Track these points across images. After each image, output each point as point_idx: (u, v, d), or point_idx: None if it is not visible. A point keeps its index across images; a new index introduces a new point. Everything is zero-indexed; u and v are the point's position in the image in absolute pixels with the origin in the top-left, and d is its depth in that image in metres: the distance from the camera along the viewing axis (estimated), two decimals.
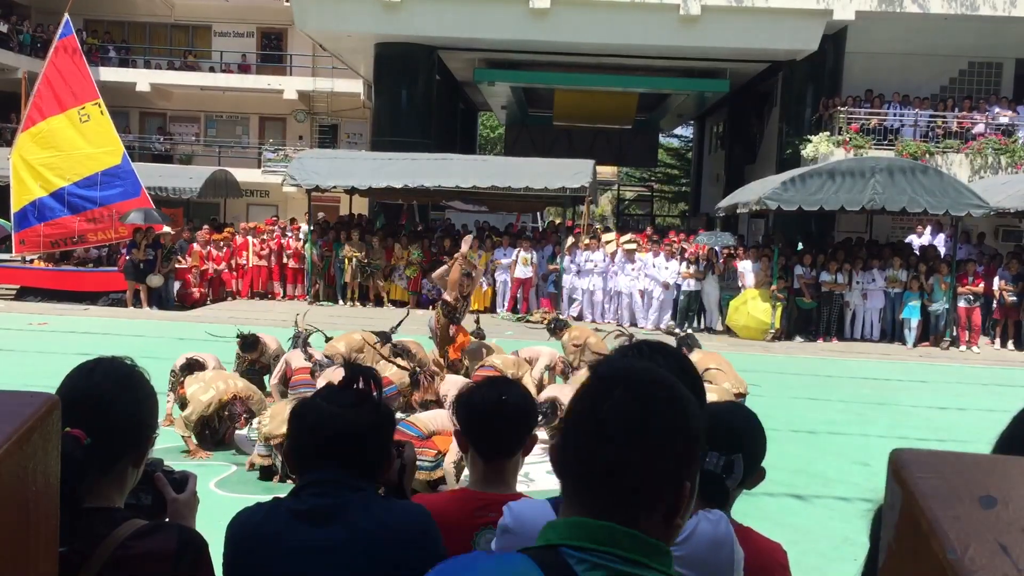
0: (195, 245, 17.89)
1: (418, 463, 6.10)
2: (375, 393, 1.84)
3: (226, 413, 7.29)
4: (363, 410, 1.78)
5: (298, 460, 1.80)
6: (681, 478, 1.11)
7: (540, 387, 8.35)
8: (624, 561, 1.05)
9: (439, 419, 6.49)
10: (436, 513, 1.87)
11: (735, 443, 1.87)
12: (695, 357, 7.65)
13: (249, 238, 19.03)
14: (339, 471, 1.73)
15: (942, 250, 17.20)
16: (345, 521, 1.67)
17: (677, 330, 12.75)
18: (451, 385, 7.39)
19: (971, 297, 15.43)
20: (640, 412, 1.10)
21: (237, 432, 7.62)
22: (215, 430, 7.44)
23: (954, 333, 15.61)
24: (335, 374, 6.79)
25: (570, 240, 17.44)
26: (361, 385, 1.82)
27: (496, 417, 2.07)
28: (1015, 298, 15.26)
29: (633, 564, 1.05)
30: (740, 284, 16.10)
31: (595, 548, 1.05)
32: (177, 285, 17.39)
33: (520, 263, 16.99)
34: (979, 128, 19.36)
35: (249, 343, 8.52)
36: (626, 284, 16.74)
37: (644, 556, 1.06)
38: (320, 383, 6.90)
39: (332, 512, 1.68)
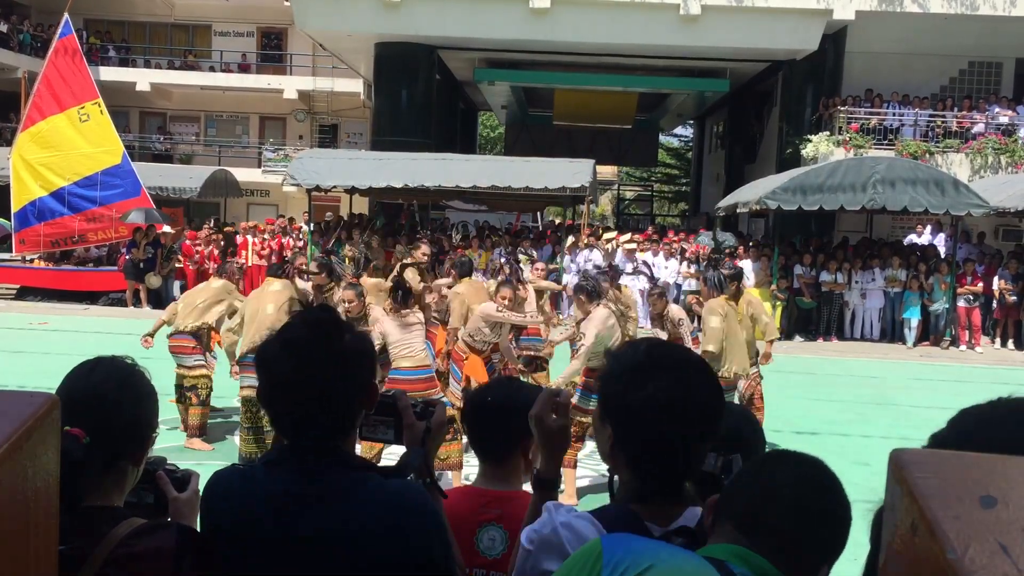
0: (188, 243, 17.92)
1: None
2: (342, 327, 1.64)
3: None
4: (324, 353, 1.58)
5: (269, 412, 1.64)
6: None
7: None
8: None
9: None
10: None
11: (733, 443, 1.87)
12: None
13: (249, 237, 19.04)
14: (308, 434, 1.57)
15: (942, 250, 17.20)
16: (327, 510, 1.53)
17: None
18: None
19: (971, 297, 15.44)
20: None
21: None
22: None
23: (954, 333, 15.61)
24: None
25: (570, 240, 17.44)
26: (325, 321, 1.63)
27: (483, 419, 2.11)
28: (1015, 298, 15.26)
29: None
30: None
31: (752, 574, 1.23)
32: (177, 285, 17.39)
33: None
34: (979, 128, 19.35)
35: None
36: (626, 284, 16.74)
37: None
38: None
39: (314, 499, 1.54)
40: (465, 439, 7.16)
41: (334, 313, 1.70)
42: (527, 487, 2.09)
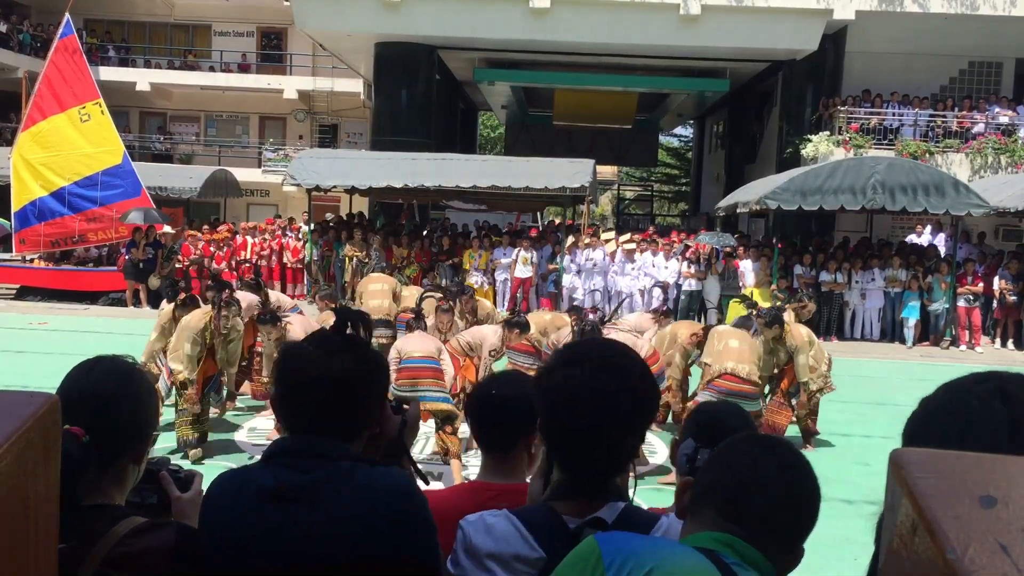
0: (188, 243, 17.95)
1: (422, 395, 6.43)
2: (366, 337, 1.73)
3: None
4: (350, 355, 1.66)
5: (281, 409, 1.69)
6: None
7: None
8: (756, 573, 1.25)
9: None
10: (448, 505, 1.88)
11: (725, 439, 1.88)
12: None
13: (248, 238, 19.04)
14: (316, 434, 1.61)
15: (942, 250, 17.20)
16: (313, 501, 1.55)
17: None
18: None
19: (971, 297, 15.43)
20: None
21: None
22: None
23: (954, 333, 15.61)
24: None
25: (570, 239, 17.45)
26: (352, 330, 1.70)
27: (486, 412, 2.12)
28: (1015, 298, 15.26)
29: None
30: (740, 284, 16.11)
31: (742, 563, 1.24)
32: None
33: (520, 263, 17.00)
34: (979, 128, 19.35)
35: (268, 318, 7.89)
36: (626, 284, 16.76)
37: (765, 574, 1.25)
38: None
39: (299, 492, 1.56)
40: (463, 432, 7.30)
41: (367, 328, 1.75)
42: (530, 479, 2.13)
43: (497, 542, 1.49)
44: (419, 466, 1.84)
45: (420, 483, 1.79)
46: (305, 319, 8.06)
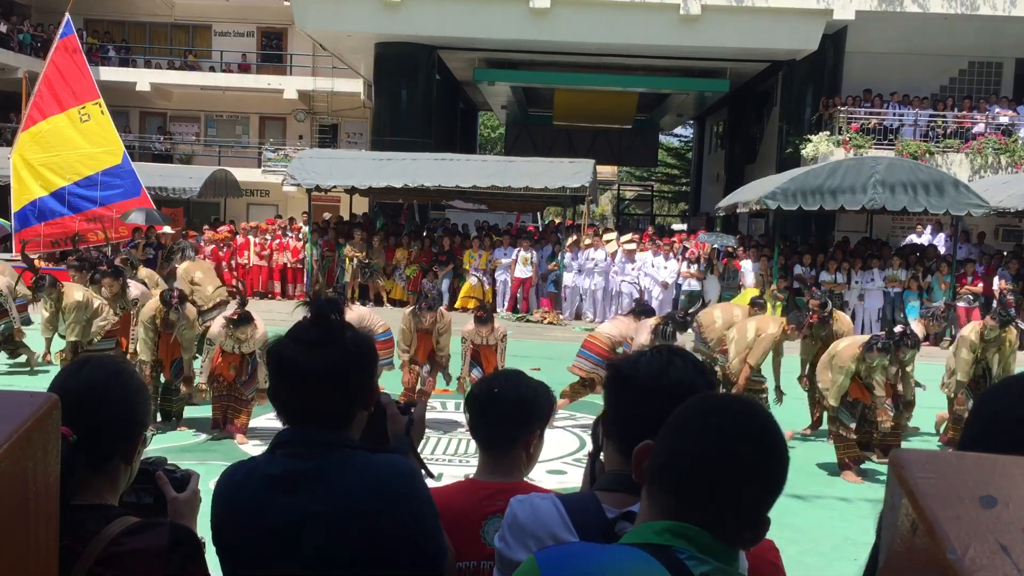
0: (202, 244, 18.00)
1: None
2: (344, 325, 1.75)
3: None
4: (330, 347, 1.69)
5: (276, 404, 1.75)
6: None
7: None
8: (715, 561, 1.17)
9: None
10: (445, 503, 1.89)
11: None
12: None
13: (250, 238, 19.03)
14: (315, 423, 1.67)
15: (942, 250, 17.20)
16: (318, 487, 1.62)
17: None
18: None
19: (971, 297, 15.43)
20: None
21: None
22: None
23: (953, 333, 15.59)
24: None
25: (571, 239, 17.45)
26: (331, 319, 1.73)
27: (486, 410, 2.12)
28: (1015, 297, 15.26)
29: (721, 564, 1.18)
30: (740, 284, 16.12)
31: (698, 555, 1.17)
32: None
33: (520, 263, 17.00)
34: (979, 128, 19.36)
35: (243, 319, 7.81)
36: (626, 284, 16.76)
37: (724, 560, 1.18)
38: None
39: (304, 478, 1.63)
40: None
41: (340, 314, 1.78)
42: (527, 479, 2.16)
43: (539, 522, 1.54)
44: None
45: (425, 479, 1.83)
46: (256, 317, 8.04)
